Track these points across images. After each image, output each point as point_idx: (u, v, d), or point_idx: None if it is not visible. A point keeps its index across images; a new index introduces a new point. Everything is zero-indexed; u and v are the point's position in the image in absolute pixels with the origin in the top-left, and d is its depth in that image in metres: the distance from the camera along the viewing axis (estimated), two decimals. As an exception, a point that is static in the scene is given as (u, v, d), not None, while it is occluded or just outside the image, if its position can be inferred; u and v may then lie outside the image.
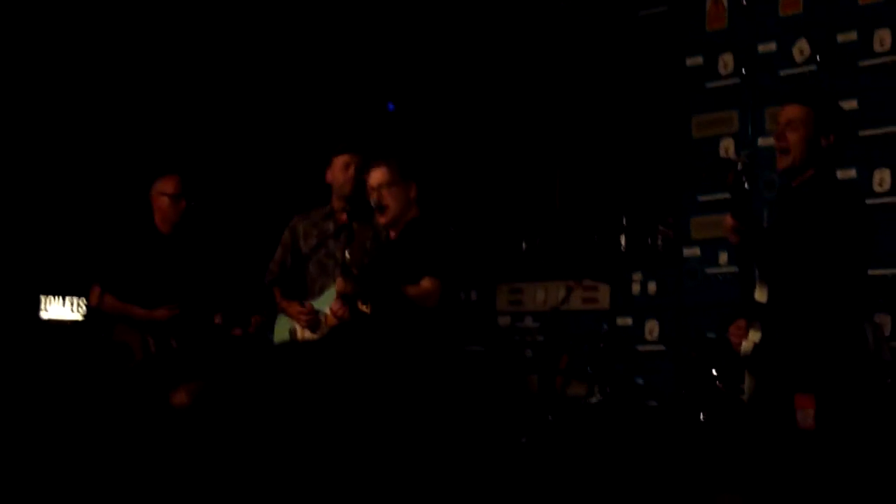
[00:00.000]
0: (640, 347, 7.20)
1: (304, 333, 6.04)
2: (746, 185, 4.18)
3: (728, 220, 4.21)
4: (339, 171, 6.11)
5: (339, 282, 5.46)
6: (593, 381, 6.46)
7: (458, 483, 5.40)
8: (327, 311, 5.86)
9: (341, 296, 5.55)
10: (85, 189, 7.89)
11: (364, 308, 5.43)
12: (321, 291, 6.04)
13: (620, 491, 5.72)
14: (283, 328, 6.17)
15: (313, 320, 5.98)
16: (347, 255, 5.48)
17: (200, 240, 6.59)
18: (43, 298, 7.68)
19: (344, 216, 5.94)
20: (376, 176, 5.52)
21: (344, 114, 8.64)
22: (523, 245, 8.02)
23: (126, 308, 6.25)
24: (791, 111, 4.35)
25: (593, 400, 6.33)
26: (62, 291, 7.70)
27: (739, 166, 4.20)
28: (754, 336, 4.31)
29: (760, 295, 4.32)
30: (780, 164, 4.38)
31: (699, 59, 7.25)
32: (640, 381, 6.82)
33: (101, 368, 6.30)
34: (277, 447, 5.47)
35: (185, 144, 8.16)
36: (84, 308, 7.48)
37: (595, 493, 5.78)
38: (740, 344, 4.42)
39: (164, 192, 6.39)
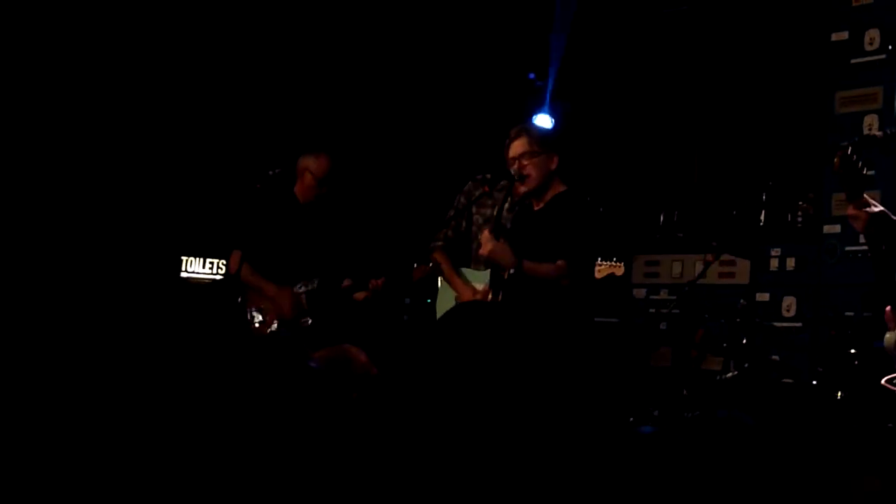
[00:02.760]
0: (778, 323, 7.16)
1: None
2: (863, 168, 4.14)
3: (850, 209, 4.21)
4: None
5: (485, 235, 5.45)
6: (729, 356, 6.47)
7: (583, 455, 5.47)
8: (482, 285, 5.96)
9: (482, 258, 5.57)
10: (227, 156, 8.16)
11: (503, 273, 5.48)
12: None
13: (754, 468, 5.74)
14: (447, 298, 6.27)
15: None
16: (505, 211, 5.54)
17: (335, 210, 6.72)
18: (184, 258, 8.00)
19: (520, 190, 5.94)
20: (516, 146, 5.52)
21: (487, 86, 8.74)
22: (661, 217, 8.02)
23: (259, 282, 6.40)
24: None
25: (728, 375, 6.35)
26: (202, 253, 8.00)
27: (849, 150, 4.16)
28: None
29: None
30: None
31: (845, 34, 7.16)
32: (776, 357, 6.81)
33: (235, 329, 6.46)
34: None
35: (327, 115, 8.36)
36: (224, 269, 7.73)
37: (727, 470, 5.81)
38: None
39: (311, 170, 6.49)
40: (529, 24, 8.82)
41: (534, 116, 8.54)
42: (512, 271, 5.33)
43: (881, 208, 4.28)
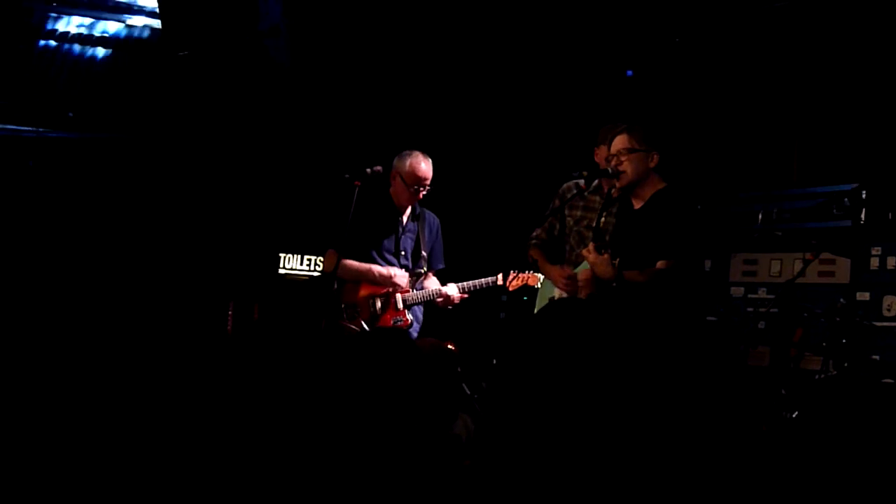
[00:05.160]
0: (878, 323, 7.06)
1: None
2: None
3: None
4: (601, 159, 6.22)
5: (591, 247, 5.48)
6: (828, 356, 6.42)
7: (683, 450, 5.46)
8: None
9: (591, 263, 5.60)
10: (327, 153, 8.29)
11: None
12: (577, 262, 6.15)
13: (850, 466, 5.69)
14: (544, 296, 6.34)
15: (572, 285, 6.06)
16: (604, 223, 5.57)
17: (427, 213, 6.78)
18: (282, 255, 8.16)
19: (613, 190, 5.96)
20: (617, 142, 5.54)
21: (584, 82, 8.76)
22: (759, 216, 7.97)
23: (364, 268, 6.48)
24: None
25: (827, 375, 6.30)
26: (300, 250, 8.15)
27: None
28: None
29: None
30: None
31: (950, 28, 7.05)
32: (876, 357, 6.73)
33: (333, 325, 6.58)
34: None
35: (424, 114, 8.45)
36: (320, 267, 7.85)
37: (824, 467, 5.77)
38: None
39: (402, 174, 6.55)
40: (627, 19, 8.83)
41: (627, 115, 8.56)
42: (613, 284, 5.36)
43: None
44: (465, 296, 6.56)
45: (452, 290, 6.54)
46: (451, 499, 4.73)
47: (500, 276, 6.60)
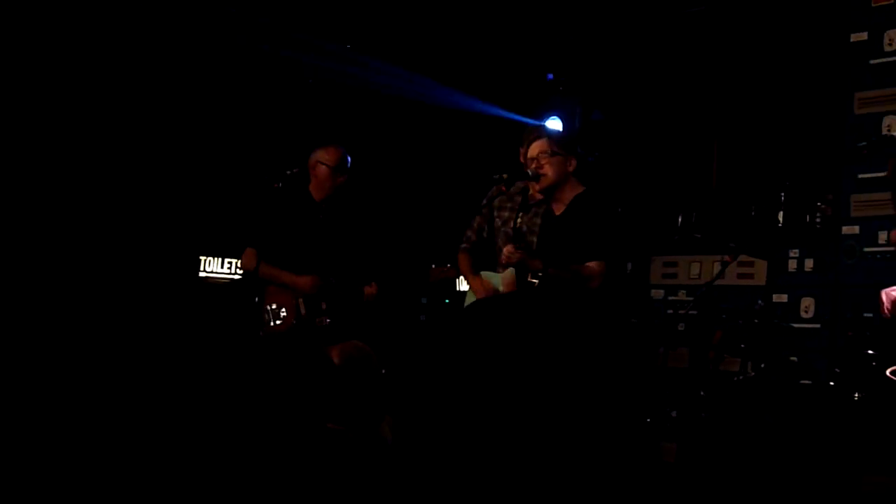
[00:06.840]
0: (796, 325, 7.15)
1: None
2: None
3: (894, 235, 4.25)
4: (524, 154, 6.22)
5: (509, 248, 5.51)
6: (746, 358, 6.47)
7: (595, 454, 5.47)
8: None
9: (509, 264, 5.63)
10: (243, 155, 8.20)
11: (532, 280, 5.53)
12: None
13: (768, 467, 5.74)
14: (472, 297, 6.33)
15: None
16: (520, 223, 5.58)
17: (350, 210, 6.75)
18: (203, 258, 8.05)
19: (536, 193, 5.99)
20: (536, 146, 5.62)
21: (506, 85, 8.75)
22: (679, 218, 8.02)
23: (276, 273, 6.43)
24: None
25: (746, 376, 6.35)
26: (221, 253, 8.04)
27: None
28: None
29: None
30: None
31: (864, 35, 7.13)
32: (794, 358, 6.80)
33: (255, 325, 6.51)
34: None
35: (343, 116, 8.39)
36: (240, 269, 7.77)
37: (743, 469, 5.82)
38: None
39: (323, 161, 6.54)
40: (548, 24, 8.84)
41: (548, 118, 8.62)
42: (540, 274, 5.38)
43: None
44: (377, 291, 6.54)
45: (371, 287, 6.52)
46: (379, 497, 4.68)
47: None
